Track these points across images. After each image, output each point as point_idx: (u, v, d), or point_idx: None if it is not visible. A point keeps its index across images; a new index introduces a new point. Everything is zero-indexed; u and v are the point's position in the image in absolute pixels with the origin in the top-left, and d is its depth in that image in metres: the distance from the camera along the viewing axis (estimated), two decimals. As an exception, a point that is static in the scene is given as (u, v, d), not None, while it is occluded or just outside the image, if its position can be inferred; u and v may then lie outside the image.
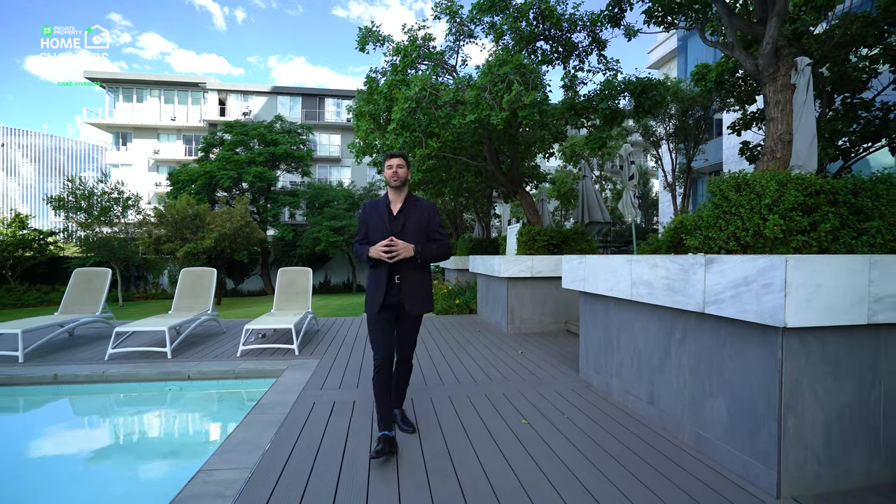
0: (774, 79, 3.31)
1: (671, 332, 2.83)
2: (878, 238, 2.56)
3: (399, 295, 2.62)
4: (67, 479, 2.91)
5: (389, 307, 2.63)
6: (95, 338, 5.99)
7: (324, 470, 2.37)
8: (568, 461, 2.46)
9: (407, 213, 2.66)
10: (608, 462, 2.46)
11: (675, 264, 2.64)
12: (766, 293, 2.03)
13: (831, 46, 7.94)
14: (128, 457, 3.28)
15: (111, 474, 3.01)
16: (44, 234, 20.41)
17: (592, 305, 3.86)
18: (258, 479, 2.27)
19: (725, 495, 2.12)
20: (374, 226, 2.66)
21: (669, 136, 13.90)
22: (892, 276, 2.06)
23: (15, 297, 19.06)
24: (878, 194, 2.59)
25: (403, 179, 2.66)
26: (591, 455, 2.54)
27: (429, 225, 2.70)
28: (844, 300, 2.02)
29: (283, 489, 2.18)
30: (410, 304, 2.62)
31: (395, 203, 2.70)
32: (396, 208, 2.68)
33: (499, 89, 5.47)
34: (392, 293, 2.61)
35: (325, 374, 4.23)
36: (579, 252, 6.91)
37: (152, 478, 2.96)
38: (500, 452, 2.57)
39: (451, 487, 2.19)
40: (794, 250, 2.53)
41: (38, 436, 3.61)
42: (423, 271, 2.71)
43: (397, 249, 2.51)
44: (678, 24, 4.65)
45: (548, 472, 2.34)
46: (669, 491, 2.16)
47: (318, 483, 2.24)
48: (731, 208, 2.73)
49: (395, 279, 2.61)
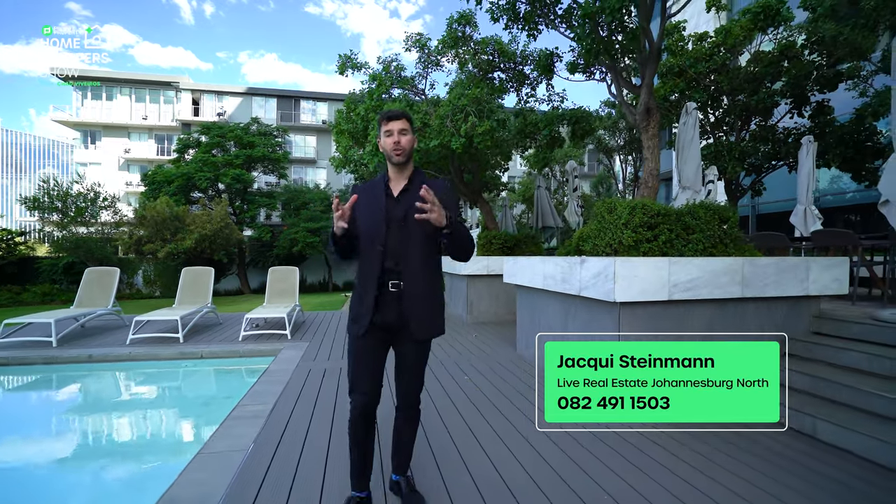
0: (646, 130, 4.58)
1: (567, 310, 4.05)
2: (699, 245, 3.84)
3: (397, 309, 1.82)
4: (135, 422, 3.90)
5: (381, 328, 1.85)
6: (106, 328, 6.81)
7: (322, 407, 3.46)
8: (489, 395, 3.64)
9: (414, 196, 1.74)
10: (511, 392, 3.64)
11: (566, 263, 3.85)
12: (607, 281, 3.25)
13: (741, 80, 9.52)
14: (175, 405, 4.43)
15: (171, 416, 4.16)
16: (12, 234, 20.33)
17: (522, 295, 5.07)
18: (278, 412, 3.33)
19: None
20: (365, 212, 1.85)
21: (620, 148, 15.46)
22: (683, 271, 3.32)
23: (-15, 298, 19.00)
24: (699, 216, 3.88)
25: (408, 152, 1.88)
26: (505, 391, 3.72)
27: (444, 209, 1.74)
28: (653, 286, 3.26)
29: (295, 418, 3.25)
30: (416, 324, 1.84)
31: (396, 182, 1.91)
32: (398, 188, 1.89)
33: (458, 119, 6.63)
34: (386, 306, 1.82)
35: (315, 351, 5.28)
36: (529, 253, 8.16)
37: (200, 413, 4.05)
38: (451, 403, 3.72)
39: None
40: (643, 253, 3.78)
41: (104, 397, 4.57)
42: (433, 274, 1.92)
43: (436, 206, 1.64)
44: (594, 77, 5.94)
45: (483, 410, 3.51)
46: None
47: (319, 416, 3.32)
48: (605, 225, 3.97)
49: (391, 285, 1.80)
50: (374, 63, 8.64)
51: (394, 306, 1.83)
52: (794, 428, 2.90)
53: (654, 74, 4.43)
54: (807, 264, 3.66)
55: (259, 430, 2.95)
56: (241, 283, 24.42)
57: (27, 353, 5.10)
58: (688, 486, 2.24)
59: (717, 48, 9.29)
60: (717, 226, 3.92)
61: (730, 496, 2.16)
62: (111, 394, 4.87)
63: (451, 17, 7.54)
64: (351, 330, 1.90)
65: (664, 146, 10.88)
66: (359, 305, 1.87)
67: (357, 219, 1.84)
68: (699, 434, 2.86)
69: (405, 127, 1.88)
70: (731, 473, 2.37)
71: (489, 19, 5.52)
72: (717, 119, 10.00)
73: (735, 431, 2.87)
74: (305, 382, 4.05)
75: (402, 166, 1.91)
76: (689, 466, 2.45)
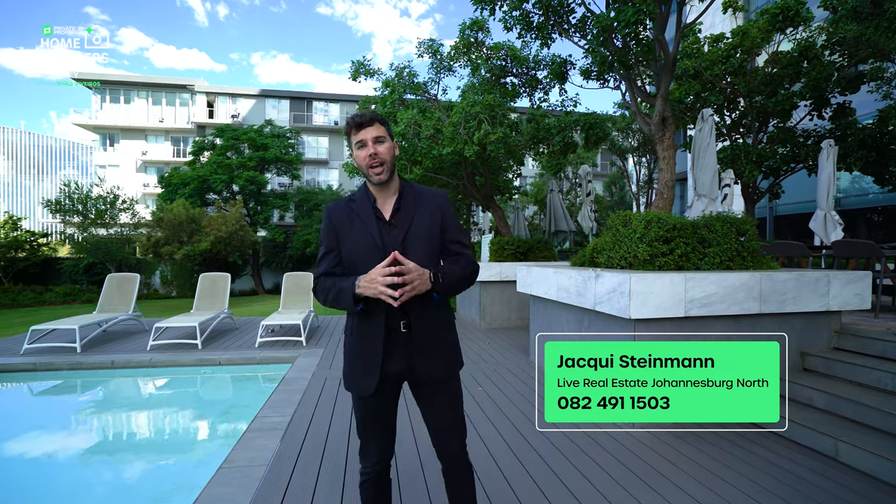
0: (662, 140, 4.54)
1: (581, 322, 4.05)
2: (716, 259, 3.81)
3: (408, 353, 1.53)
4: (157, 431, 4.01)
5: (391, 378, 1.56)
6: (126, 333, 6.99)
7: (340, 415, 3.51)
8: (502, 405, 3.66)
9: (408, 215, 1.54)
10: (528, 407, 3.66)
11: (581, 276, 3.85)
12: (622, 297, 3.24)
13: (758, 82, 9.36)
14: (195, 413, 4.53)
15: (191, 423, 4.28)
16: (36, 236, 20.92)
17: (536, 304, 5.08)
18: (296, 423, 3.39)
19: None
20: (354, 244, 1.54)
21: (634, 149, 15.30)
22: (699, 287, 3.30)
23: (10, 298, 19.57)
24: (715, 228, 3.85)
25: (390, 165, 1.52)
26: (518, 403, 3.74)
27: (444, 230, 1.60)
28: (669, 302, 3.25)
29: (314, 430, 3.31)
30: (433, 363, 1.56)
31: (384, 201, 1.57)
32: (388, 209, 1.56)
33: (471, 126, 6.64)
34: (395, 353, 1.53)
35: (331, 359, 5.35)
36: (542, 259, 8.15)
37: (221, 422, 4.15)
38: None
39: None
40: (658, 268, 3.76)
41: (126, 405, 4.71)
42: (442, 304, 1.61)
43: (410, 276, 1.39)
44: (608, 85, 5.90)
45: (488, 412, 3.54)
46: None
47: (336, 427, 3.38)
48: (620, 238, 3.96)
49: (402, 326, 1.53)
50: (387, 69, 8.70)
51: (404, 350, 1.53)
52: (814, 448, 2.87)
53: (669, 84, 4.39)
54: (828, 279, 3.60)
55: (279, 441, 3.02)
56: (256, 284, 24.79)
57: (54, 358, 5.27)
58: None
59: (733, 50, 9.15)
60: (735, 238, 3.88)
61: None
62: (133, 402, 5.00)
63: (464, 22, 7.55)
64: (354, 388, 1.55)
65: (679, 148, 10.76)
66: (358, 357, 1.54)
67: (342, 250, 1.55)
68: (712, 450, 2.85)
69: (380, 134, 1.49)
70: (753, 500, 2.36)
71: (502, 28, 5.53)
72: (733, 121, 9.84)
73: (755, 453, 2.85)
74: (322, 392, 4.11)
75: (386, 185, 1.54)
76: (716, 496, 2.45)
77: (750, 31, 8.61)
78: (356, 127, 1.49)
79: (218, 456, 2.92)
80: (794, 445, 2.95)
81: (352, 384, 1.56)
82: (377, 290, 1.38)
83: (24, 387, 5.02)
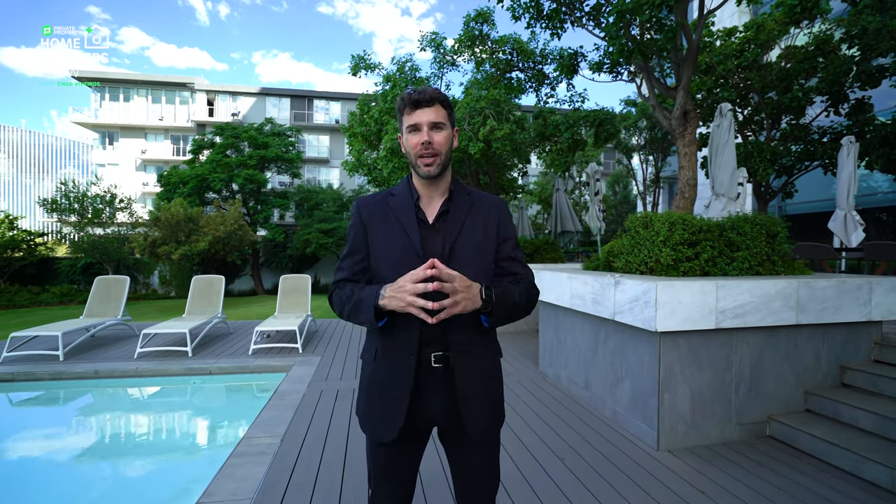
0: (683, 135, 4.23)
1: (598, 333, 3.74)
2: (744, 264, 3.49)
3: (443, 396, 1.21)
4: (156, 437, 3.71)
5: (420, 423, 1.24)
6: (115, 339, 6.69)
7: (335, 436, 3.21)
8: (515, 428, 3.35)
9: (457, 221, 1.25)
10: (543, 429, 3.35)
11: (598, 283, 3.54)
12: (646, 307, 2.93)
13: (773, 77, 9.03)
14: (180, 430, 4.17)
15: (175, 440, 3.94)
16: (33, 235, 20.66)
17: (547, 312, 4.76)
18: (286, 446, 3.09)
19: (624, 450, 3.03)
20: (386, 246, 1.23)
21: (640, 147, 14.97)
22: (732, 295, 2.99)
23: (6, 299, 19.31)
24: (744, 231, 3.53)
25: (445, 157, 1.23)
26: (532, 424, 3.43)
27: (500, 243, 1.29)
28: (698, 312, 2.93)
29: (307, 450, 3.01)
30: (473, 418, 1.21)
31: (429, 201, 1.28)
32: (434, 210, 1.27)
33: (476, 122, 6.33)
34: (427, 393, 1.21)
35: (328, 368, 5.05)
36: (549, 260, 7.83)
37: (207, 441, 3.83)
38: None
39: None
40: (682, 273, 3.44)
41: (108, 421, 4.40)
42: (490, 338, 1.29)
43: (453, 286, 1.07)
44: (621, 77, 5.58)
45: (500, 436, 3.22)
46: (585, 449, 3.06)
47: (331, 447, 3.07)
48: (640, 241, 3.64)
49: (434, 360, 1.19)
50: (388, 63, 8.38)
51: (438, 392, 1.19)
52: (865, 478, 2.55)
53: (691, 75, 4.08)
54: (870, 285, 3.28)
55: (266, 468, 2.71)
56: (255, 284, 24.53)
57: (34, 367, 4.98)
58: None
59: (746, 44, 8.81)
60: (765, 242, 3.57)
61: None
62: (113, 418, 4.57)
63: (469, 14, 7.23)
64: (373, 433, 1.23)
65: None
66: (379, 392, 1.22)
67: (371, 254, 1.24)
68: (748, 478, 2.53)
69: (439, 119, 1.19)
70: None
71: (510, 17, 5.21)
72: (745, 117, 9.51)
73: (800, 483, 2.54)
74: (316, 407, 3.81)
75: (437, 179, 1.24)
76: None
77: (766, 24, 8.28)
78: (412, 105, 1.20)
79: (202, 482, 2.62)
80: (841, 474, 2.64)
81: (368, 426, 1.25)
82: (405, 300, 1.06)
83: (1, 397, 4.71)
